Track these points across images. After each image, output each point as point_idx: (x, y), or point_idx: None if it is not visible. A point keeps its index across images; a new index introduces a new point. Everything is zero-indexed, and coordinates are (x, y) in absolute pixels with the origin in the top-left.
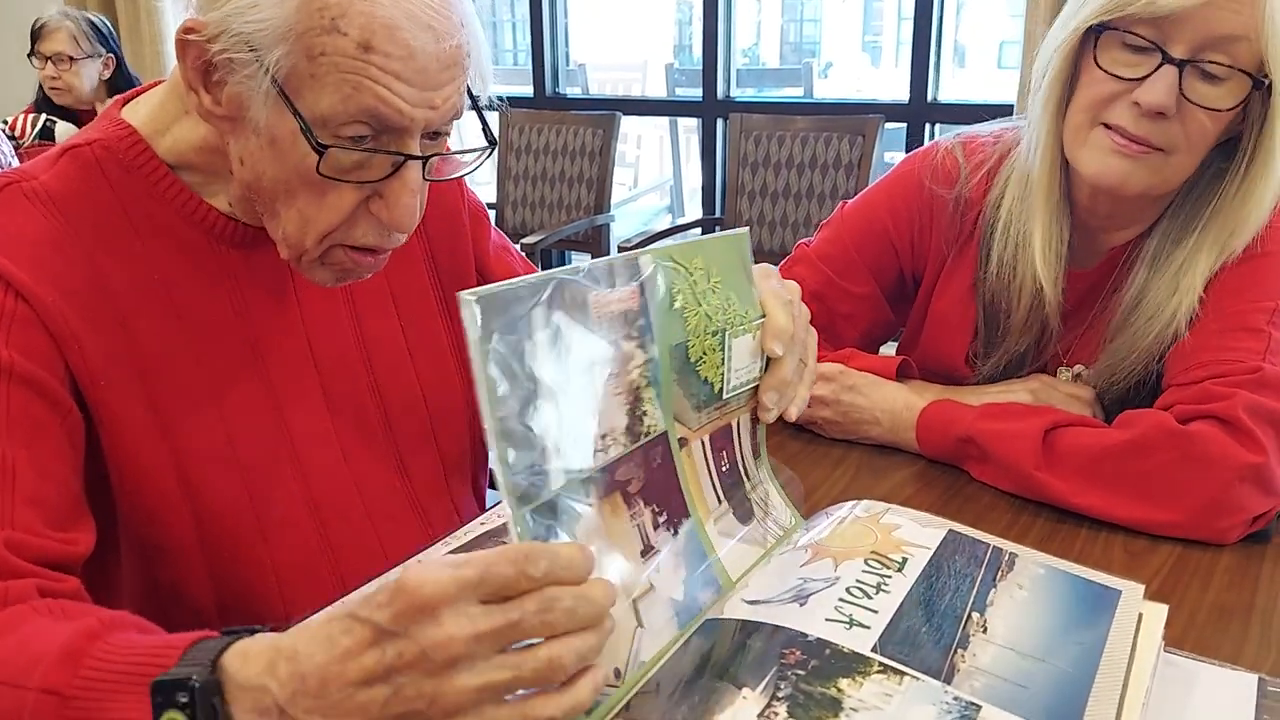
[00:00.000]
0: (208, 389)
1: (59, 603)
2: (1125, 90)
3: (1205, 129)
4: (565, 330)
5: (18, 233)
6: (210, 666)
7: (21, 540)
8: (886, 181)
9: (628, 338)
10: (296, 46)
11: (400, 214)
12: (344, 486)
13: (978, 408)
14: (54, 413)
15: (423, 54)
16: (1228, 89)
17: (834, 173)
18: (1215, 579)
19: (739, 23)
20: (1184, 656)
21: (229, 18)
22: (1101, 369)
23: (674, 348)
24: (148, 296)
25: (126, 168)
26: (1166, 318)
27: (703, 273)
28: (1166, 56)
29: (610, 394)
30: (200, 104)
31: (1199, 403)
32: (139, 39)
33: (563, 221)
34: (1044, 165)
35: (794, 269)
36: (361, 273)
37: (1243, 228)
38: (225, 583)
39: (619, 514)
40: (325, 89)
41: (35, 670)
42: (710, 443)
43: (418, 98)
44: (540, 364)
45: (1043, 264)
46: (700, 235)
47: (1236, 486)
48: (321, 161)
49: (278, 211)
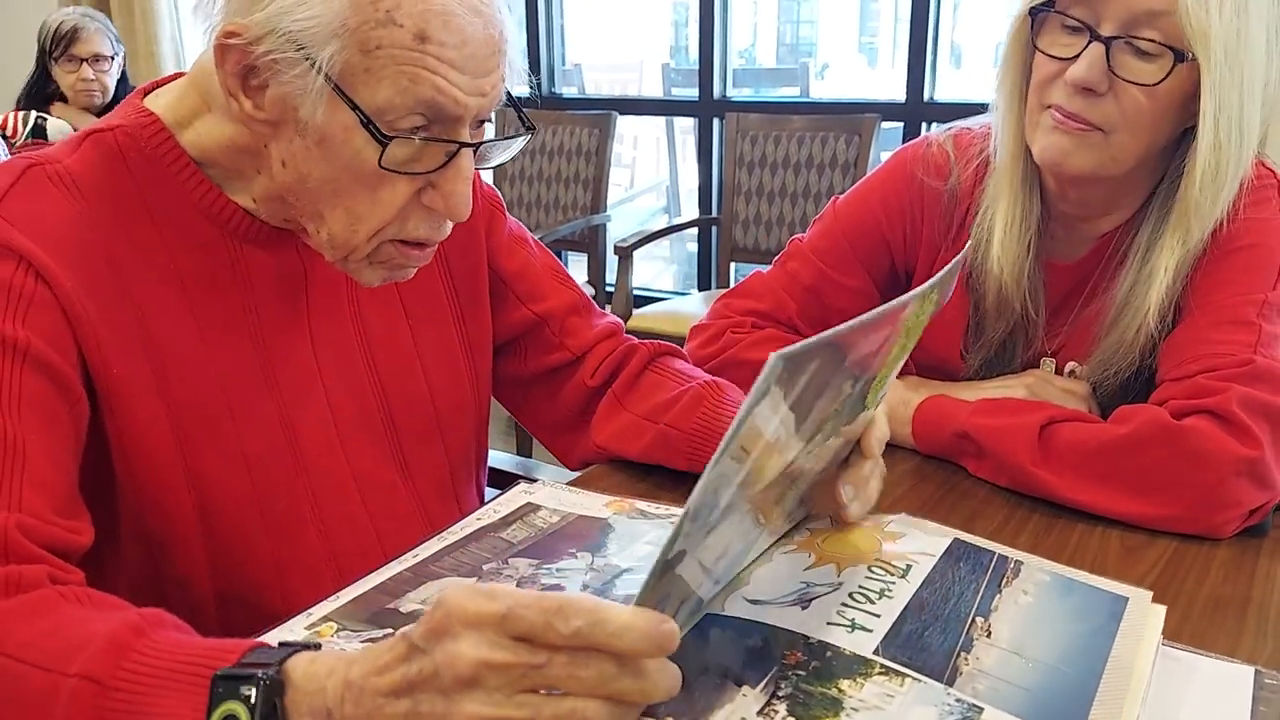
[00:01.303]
0: (216, 382)
1: (83, 590)
2: (1061, 70)
3: (1141, 105)
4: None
5: (40, 215)
6: (278, 666)
7: (32, 525)
8: (878, 175)
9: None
10: (350, 41)
11: (456, 202)
12: (345, 484)
13: (973, 403)
14: (64, 400)
15: (474, 41)
16: (1159, 65)
17: (830, 172)
18: (1211, 573)
19: (735, 23)
20: (1181, 649)
21: (274, 18)
22: (1095, 364)
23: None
24: (162, 286)
25: (148, 156)
26: (1144, 309)
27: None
28: (1095, 34)
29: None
30: (241, 109)
31: (1192, 397)
32: (133, 40)
33: (559, 221)
34: (1005, 152)
35: (788, 263)
36: (409, 268)
37: (1190, 212)
38: (226, 576)
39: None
40: (382, 82)
41: (76, 657)
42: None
43: (471, 85)
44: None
45: (1001, 251)
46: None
47: (1232, 481)
48: (384, 154)
49: (321, 213)
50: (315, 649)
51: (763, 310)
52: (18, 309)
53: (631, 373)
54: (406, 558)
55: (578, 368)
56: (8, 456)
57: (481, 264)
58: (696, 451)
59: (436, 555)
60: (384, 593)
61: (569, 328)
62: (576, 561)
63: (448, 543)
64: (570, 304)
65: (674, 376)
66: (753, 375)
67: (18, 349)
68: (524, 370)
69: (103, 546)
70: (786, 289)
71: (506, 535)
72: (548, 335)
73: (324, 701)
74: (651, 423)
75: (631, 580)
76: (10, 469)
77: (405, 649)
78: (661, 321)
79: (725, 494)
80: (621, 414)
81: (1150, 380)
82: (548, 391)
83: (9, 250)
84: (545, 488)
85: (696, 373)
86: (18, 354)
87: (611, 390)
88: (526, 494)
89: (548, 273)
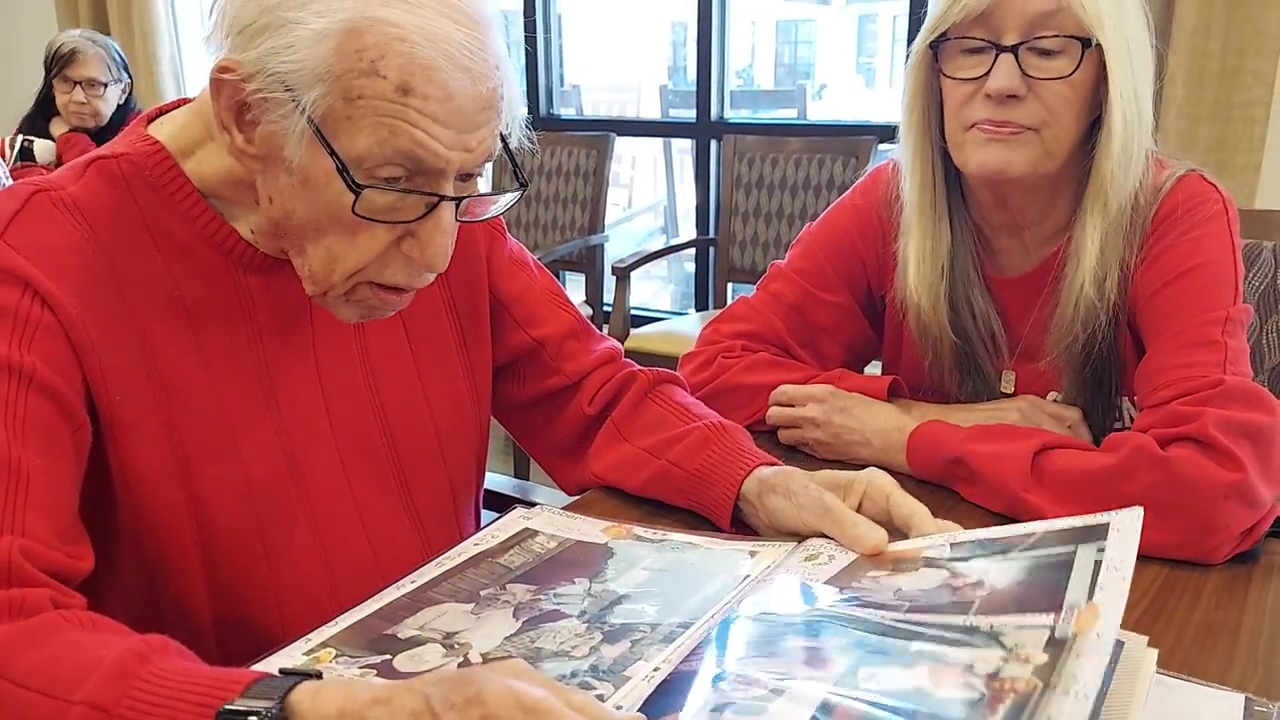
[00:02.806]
0: (218, 409)
1: (86, 614)
2: (976, 89)
3: (1065, 97)
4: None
5: (46, 241)
6: (280, 703)
7: (34, 550)
8: (850, 196)
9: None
10: (334, 88)
11: (433, 254)
12: (346, 512)
13: (967, 429)
14: (67, 425)
15: (460, 96)
16: (1067, 57)
17: (827, 194)
18: (1203, 598)
19: (733, 44)
20: (1171, 677)
21: (265, 58)
22: (1050, 342)
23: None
24: (166, 313)
25: (152, 184)
26: (1076, 288)
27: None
28: (999, 47)
29: None
30: (233, 142)
31: (1171, 425)
32: (133, 60)
33: (557, 242)
34: (914, 182)
35: (770, 285)
36: (386, 310)
37: (1108, 184)
38: (225, 600)
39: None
40: (362, 130)
41: (81, 684)
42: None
43: (454, 140)
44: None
45: (915, 275)
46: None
47: (1221, 505)
48: (357, 202)
49: (305, 249)
50: (317, 678)
51: (751, 331)
52: (23, 334)
53: (631, 401)
54: (405, 583)
55: (575, 393)
56: (11, 480)
57: (482, 287)
58: (698, 492)
59: (434, 581)
60: (382, 619)
61: (566, 352)
62: (574, 587)
63: (445, 568)
64: (568, 328)
65: (676, 410)
66: (746, 400)
67: (23, 374)
68: (522, 395)
69: (100, 572)
70: (772, 309)
71: (504, 561)
72: (545, 360)
73: None
74: (654, 457)
75: (629, 608)
76: (14, 493)
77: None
78: (659, 341)
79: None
80: (622, 445)
81: (1111, 361)
82: (546, 416)
83: (15, 276)
84: (543, 513)
85: (698, 406)
86: (23, 379)
87: (611, 419)
88: (524, 519)
89: (547, 296)
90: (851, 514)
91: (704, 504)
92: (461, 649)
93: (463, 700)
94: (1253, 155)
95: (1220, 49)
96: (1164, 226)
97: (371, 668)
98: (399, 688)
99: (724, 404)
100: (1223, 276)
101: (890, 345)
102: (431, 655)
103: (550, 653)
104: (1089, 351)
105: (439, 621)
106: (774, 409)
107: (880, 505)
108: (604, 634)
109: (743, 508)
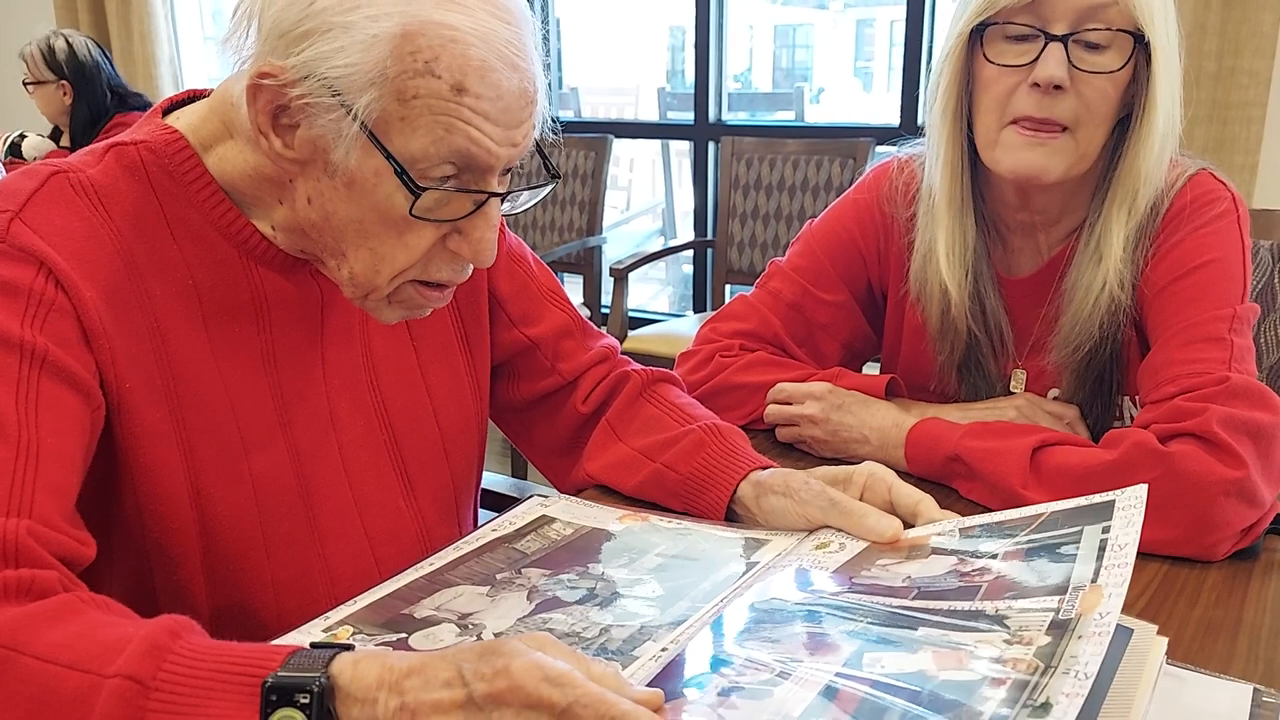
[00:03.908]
0: (226, 400)
1: (101, 598)
2: (1021, 78)
3: (1106, 95)
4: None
5: (64, 224)
6: (324, 673)
7: (43, 532)
8: (851, 194)
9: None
10: (388, 90)
11: (482, 248)
12: (348, 509)
13: (965, 426)
14: (78, 407)
15: (509, 93)
16: (1115, 52)
17: (825, 196)
18: (1203, 595)
19: (731, 47)
20: (1180, 667)
21: (311, 63)
22: (1058, 343)
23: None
24: (179, 301)
25: (170, 173)
26: (1097, 286)
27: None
28: (1049, 35)
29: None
30: (270, 147)
31: (1173, 421)
32: (132, 61)
33: (555, 243)
34: (945, 173)
35: (769, 283)
36: (426, 309)
37: (1141, 183)
38: (222, 592)
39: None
40: (417, 131)
41: (114, 658)
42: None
43: (503, 136)
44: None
45: (947, 269)
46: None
47: (1221, 502)
48: (416, 204)
49: (344, 252)
50: (350, 649)
51: (749, 330)
52: (37, 314)
53: (625, 401)
54: (422, 566)
55: (571, 393)
56: (22, 459)
57: (482, 284)
58: (693, 495)
59: (451, 564)
60: (399, 599)
61: (562, 351)
62: (588, 572)
63: (463, 552)
64: (563, 327)
65: (671, 411)
66: (743, 399)
67: (36, 354)
68: (517, 395)
69: (99, 559)
70: (770, 308)
71: (520, 546)
72: (540, 360)
73: (374, 713)
74: (648, 459)
75: (640, 592)
76: (24, 473)
77: (464, 697)
78: (657, 343)
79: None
80: (616, 445)
81: (1115, 360)
82: (541, 416)
83: (31, 256)
84: (560, 500)
85: (694, 406)
86: (36, 359)
87: (605, 419)
88: (542, 506)
89: (544, 294)
90: (861, 505)
91: (698, 508)
92: (475, 629)
93: (491, 671)
94: (1249, 155)
95: (1216, 49)
96: (1174, 224)
97: (387, 645)
98: (432, 658)
99: (721, 403)
100: (1231, 274)
101: (890, 343)
102: (446, 635)
103: (560, 634)
104: (1095, 350)
105: (455, 603)
106: (772, 407)
107: (883, 497)
108: (614, 616)
109: (737, 511)
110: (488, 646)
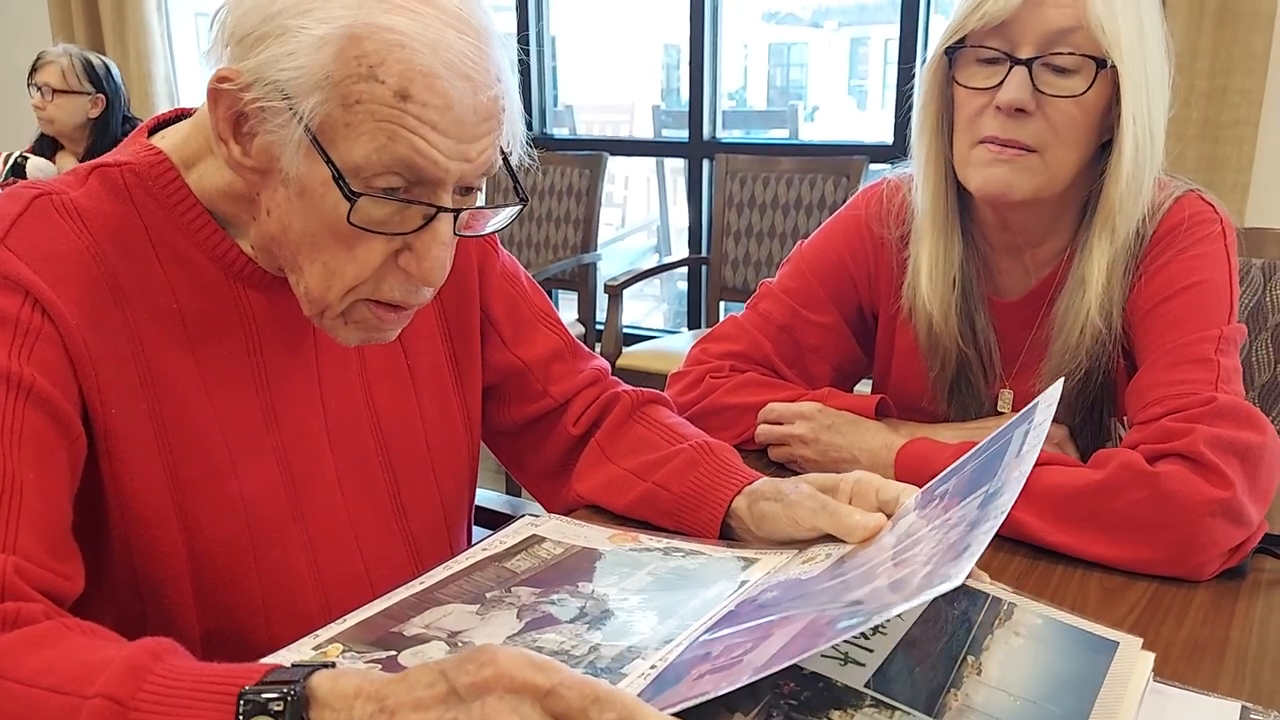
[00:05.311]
0: (215, 424)
1: (86, 623)
2: (989, 100)
3: (1073, 118)
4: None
5: (48, 247)
6: (302, 683)
7: (28, 569)
8: (841, 216)
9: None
10: (332, 94)
11: (430, 267)
12: (341, 531)
13: (954, 446)
14: (63, 438)
15: (460, 105)
16: (1082, 76)
17: (819, 214)
18: (1190, 614)
19: (726, 66)
20: (1169, 685)
21: (264, 66)
22: (1047, 372)
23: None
24: (165, 324)
25: (154, 195)
26: (1083, 315)
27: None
28: (1014, 59)
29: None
30: (230, 155)
31: (1160, 441)
32: (127, 78)
33: (550, 260)
34: (929, 192)
35: (759, 305)
36: (386, 330)
37: (1115, 210)
38: (215, 616)
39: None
40: (360, 138)
41: (95, 679)
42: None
43: (453, 149)
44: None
45: (928, 286)
46: (687, 273)
47: (1208, 522)
48: (352, 210)
49: (300, 265)
50: (332, 667)
51: (739, 351)
52: (22, 344)
53: (615, 422)
54: (413, 584)
55: (561, 415)
56: (5, 495)
57: (474, 302)
58: (686, 514)
59: (441, 583)
60: (389, 617)
61: (553, 375)
62: (578, 591)
63: (453, 571)
64: (555, 349)
65: (661, 431)
66: (734, 419)
67: (21, 385)
68: (508, 419)
69: (89, 584)
70: (761, 329)
71: (510, 565)
72: (531, 383)
73: (350, 717)
74: (639, 479)
75: (630, 611)
76: (8, 509)
77: (445, 691)
78: (651, 359)
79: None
80: (607, 466)
81: (1104, 386)
82: (532, 440)
83: (15, 284)
84: (550, 520)
85: (683, 425)
86: (20, 390)
87: (595, 440)
88: (533, 525)
89: (536, 316)
90: (846, 505)
91: (692, 526)
92: (465, 647)
93: (476, 665)
94: (1241, 174)
95: (1208, 69)
96: (1161, 245)
97: (377, 662)
98: (416, 668)
99: (712, 424)
100: (1218, 295)
101: (880, 363)
102: (435, 652)
103: (550, 652)
104: (1084, 374)
105: (444, 621)
106: (762, 427)
107: (871, 501)
108: (604, 635)
109: (732, 525)
110: (472, 650)
